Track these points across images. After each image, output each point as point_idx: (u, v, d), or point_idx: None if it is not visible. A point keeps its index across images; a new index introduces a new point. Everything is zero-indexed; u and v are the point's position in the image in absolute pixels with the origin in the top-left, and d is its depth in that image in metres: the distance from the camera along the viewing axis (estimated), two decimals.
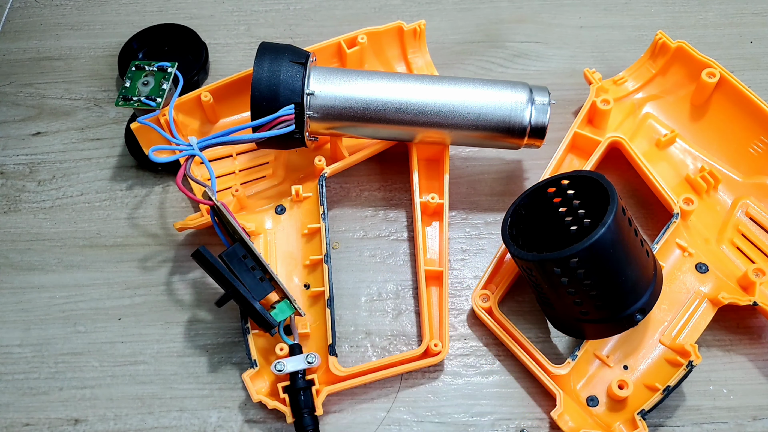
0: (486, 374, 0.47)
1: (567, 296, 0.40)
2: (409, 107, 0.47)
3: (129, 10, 0.67)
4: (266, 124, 0.45)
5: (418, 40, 0.58)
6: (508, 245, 0.42)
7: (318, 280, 0.48)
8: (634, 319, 0.41)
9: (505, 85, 0.48)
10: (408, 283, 0.51)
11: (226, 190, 0.52)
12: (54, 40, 0.65)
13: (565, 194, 0.45)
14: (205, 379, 0.47)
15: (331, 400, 0.45)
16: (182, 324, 0.49)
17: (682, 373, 0.43)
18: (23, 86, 0.62)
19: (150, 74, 0.53)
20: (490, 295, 0.47)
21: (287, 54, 0.46)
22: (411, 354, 0.45)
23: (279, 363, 0.43)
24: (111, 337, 0.49)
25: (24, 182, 0.56)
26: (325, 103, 0.47)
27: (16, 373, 0.48)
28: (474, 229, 0.53)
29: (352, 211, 0.54)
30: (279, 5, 0.66)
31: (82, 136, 0.58)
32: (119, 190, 0.55)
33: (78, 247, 0.53)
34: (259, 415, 0.46)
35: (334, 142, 0.52)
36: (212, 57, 0.62)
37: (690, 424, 0.45)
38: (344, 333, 0.49)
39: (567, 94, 0.59)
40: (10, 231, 0.54)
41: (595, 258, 0.38)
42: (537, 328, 0.48)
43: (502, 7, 0.66)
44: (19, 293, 0.51)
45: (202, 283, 0.51)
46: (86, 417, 0.46)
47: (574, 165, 0.53)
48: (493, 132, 0.48)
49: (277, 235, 0.51)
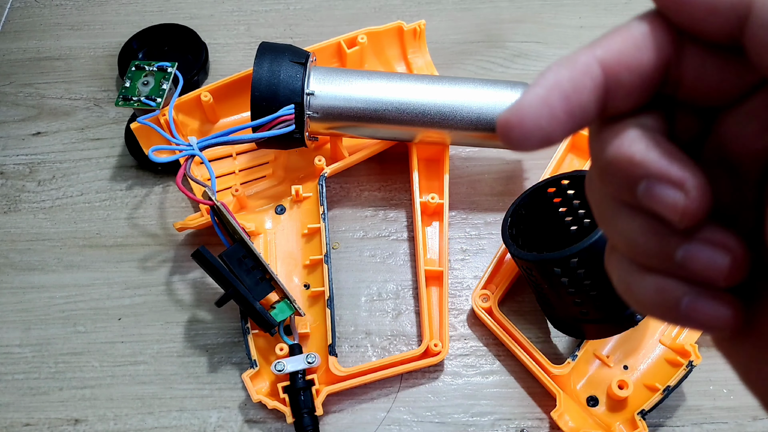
0: (486, 374, 0.47)
1: (567, 296, 0.40)
2: (409, 107, 0.47)
3: (129, 10, 0.67)
4: (266, 124, 0.45)
5: (418, 40, 0.57)
6: (508, 245, 0.42)
7: (318, 280, 0.48)
8: (634, 319, 0.41)
9: (505, 85, 0.48)
10: (408, 283, 0.51)
11: (226, 190, 0.52)
12: (54, 40, 0.65)
13: (565, 194, 0.45)
14: (205, 379, 0.47)
15: (331, 400, 0.45)
16: (182, 324, 0.49)
17: (682, 373, 0.43)
18: (23, 86, 0.62)
19: (150, 74, 0.53)
20: (490, 295, 0.47)
21: (287, 54, 0.46)
22: (411, 354, 0.45)
23: (279, 363, 0.43)
24: (111, 337, 0.49)
25: (24, 182, 0.56)
26: (325, 103, 0.47)
27: (16, 373, 0.48)
28: (474, 229, 0.53)
29: (352, 211, 0.54)
30: (279, 5, 0.66)
31: (82, 136, 0.58)
32: (119, 190, 0.55)
33: (78, 247, 0.53)
34: (259, 415, 0.46)
35: (334, 142, 0.52)
36: (212, 57, 0.62)
37: (690, 424, 0.45)
38: (344, 333, 0.49)
39: None
40: (10, 231, 0.54)
41: (595, 258, 0.38)
42: (537, 328, 0.48)
43: (502, 7, 0.66)
44: (19, 293, 0.51)
45: (202, 283, 0.51)
46: (86, 417, 0.46)
47: (574, 165, 0.53)
48: (493, 132, 0.48)
49: (277, 235, 0.51)
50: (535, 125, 0.15)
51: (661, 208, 0.16)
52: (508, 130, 0.16)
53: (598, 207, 0.18)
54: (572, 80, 0.16)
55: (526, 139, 0.16)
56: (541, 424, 0.45)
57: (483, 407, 0.46)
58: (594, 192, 0.18)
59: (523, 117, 0.15)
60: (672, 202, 0.15)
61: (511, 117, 0.16)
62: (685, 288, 0.16)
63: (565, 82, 0.16)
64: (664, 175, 0.15)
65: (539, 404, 0.46)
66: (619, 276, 0.18)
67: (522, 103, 0.16)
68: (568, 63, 0.16)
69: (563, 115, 0.16)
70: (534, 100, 0.16)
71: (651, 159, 0.15)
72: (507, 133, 0.16)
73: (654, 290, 0.17)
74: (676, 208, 0.15)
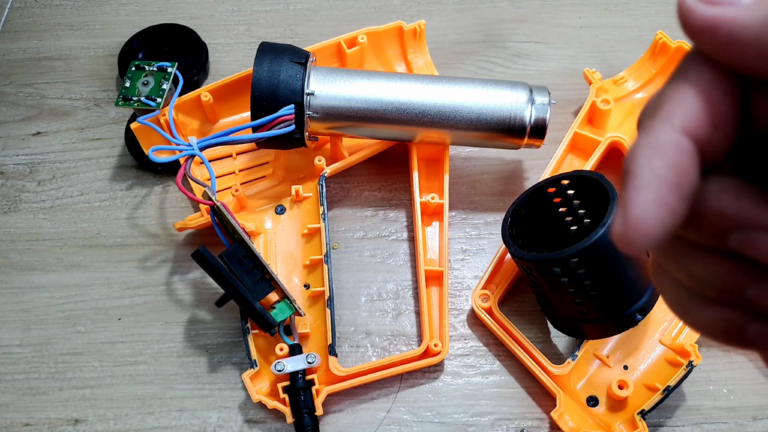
0: (486, 374, 0.47)
1: (567, 296, 0.40)
2: (409, 107, 0.47)
3: (129, 10, 0.67)
4: (266, 124, 0.45)
5: (418, 40, 0.57)
6: (508, 245, 0.42)
7: (318, 280, 0.48)
8: (635, 319, 0.41)
9: (505, 85, 0.48)
10: (408, 283, 0.51)
11: (226, 190, 0.52)
12: (54, 40, 0.65)
13: (565, 194, 0.45)
14: (205, 379, 0.47)
15: (331, 400, 0.45)
16: (182, 324, 0.49)
17: (682, 373, 0.43)
18: (23, 86, 0.62)
19: (150, 74, 0.53)
20: (490, 295, 0.47)
21: (287, 54, 0.46)
22: (411, 354, 0.45)
23: (279, 363, 0.43)
24: (111, 337, 0.49)
25: (24, 182, 0.56)
26: (325, 103, 0.47)
27: (16, 373, 0.48)
28: (474, 229, 0.53)
29: (352, 211, 0.54)
30: (279, 5, 0.66)
31: (82, 136, 0.58)
32: (119, 190, 0.55)
33: (78, 247, 0.53)
34: (259, 415, 0.46)
35: (334, 142, 0.52)
36: (212, 57, 0.62)
37: (690, 424, 0.45)
38: (344, 333, 0.49)
39: (567, 94, 0.59)
40: (10, 231, 0.54)
41: (595, 258, 0.38)
42: (537, 328, 0.48)
43: (502, 7, 0.66)
44: (19, 293, 0.51)
45: (202, 283, 0.51)
46: (86, 417, 0.46)
47: (574, 165, 0.53)
48: (493, 132, 0.48)
49: (277, 235, 0.51)
50: (660, 229, 0.15)
51: (757, 254, 0.16)
52: (631, 243, 0.15)
53: (665, 247, 0.18)
54: (673, 167, 0.15)
55: (653, 243, 0.15)
56: (541, 424, 0.45)
57: (483, 407, 0.46)
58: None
59: (644, 227, 0.15)
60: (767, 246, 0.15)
61: (630, 231, 0.15)
62: (748, 316, 0.16)
63: (666, 172, 0.15)
64: (758, 223, 0.15)
65: (539, 404, 0.46)
66: (675, 300, 0.18)
67: (634, 214, 0.15)
68: (655, 150, 0.15)
69: (679, 205, 0.15)
70: (647, 205, 0.15)
71: (744, 210, 0.15)
72: (630, 246, 0.15)
73: (718, 319, 0.17)
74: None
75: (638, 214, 0.15)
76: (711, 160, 0.16)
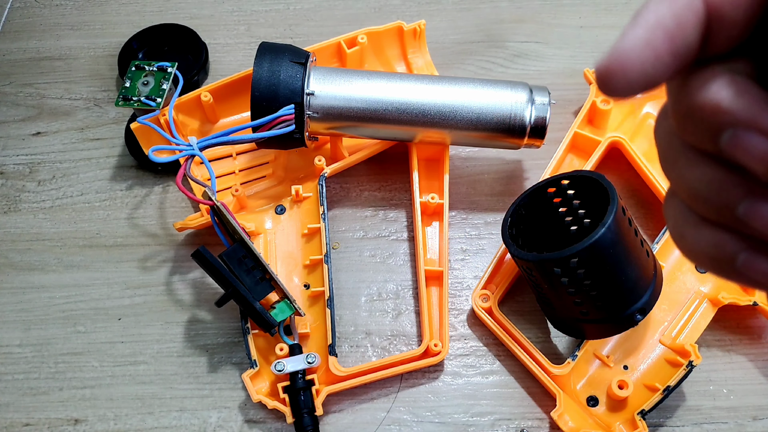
0: (486, 374, 0.47)
1: (567, 296, 0.40)
2: (409, 107, 0.47)
3: (129, 10, 0.67)
4: (266, 124, 0.45)
5: (418, 40, 0.57)
6: (508, 245, 0.42)
7: (318, 280, 0.48)
8: (634, 319, 0.41)
9: (505, 85, 0.48)
10: (408, 283, 0.51)
11: (226, 190, 0.52)
12: (54, 40, 0.65)
13: (565, 194, 0.45)
14: (205, 379, 0.47)
15: (331, 400, 0.45)
16: (182, 324, 0.49)
17: (682, 373, 0.43)
18: (23, 86, 0.62)
19: (150, 74, 0.53)
20: (490, 295, 0.47)
21: (287, 54, 0.46)
22: (411, 354, 0.45)
23: (279, 363, 0.43)
24: (111, 337, 0.49)
25: (24, 182, 0.56)
26: (325, 103, 0.47)
27: (16, 373, 0.48)
28: (474, 229, 0.53)
29: (352, 211, 0.54)
30: (279, 5, 0.66)
31: (82, 136, 0.58)
32: (119, 190, 0.55)
33: (78, 247, 0.53)
34: (259, 415, 0.46)
35: (334, 142, 0.52)
36: (212, 57, 0.62)
37: (690, 424, 0.45)
38: (344, 333, 0.49)
39: (567, 94, 0.59)
40: (10, 231, 0.54)
41: (595, 258, 0.38)
42: (537, 328, 0.48)
43: (502, 7, 0.66)
44: (19, 293, 0.51)
45: (202, 283, 0.51)
46: (86, 417, 0.46)
47: (574, 165, 0.53)
48: (493, 132, 0.48)
49: (277, 235, 0.51)
50: (640, 70, 0.14)
51: (747, 158, 0.15)
52: (609, 78, 0.14)
53: (665, 149, 0.17)
54: (675, 17, 0.14)
55: (629, 86, 0.14)
56: (541, 424, 0.45)
57: (483, 407, 0.46)
58: (663, 133, 0.17)
59: (625, 63, 0.14)
60: (760, 151, 0.14)
61: (611, 64, 0.14)
62: (741, 244, 0.16)
63: (667, 19, 0.14)
64: (754, 123, 0.14)
65: (539, 404, 0.46)
66: (674, 223, 0.17)
67: (622, 48, 0.14)
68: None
69: (668, 57, 0.14)
70: (636, 42, 0.14)
71: (741, 106, 0.14)
72: (608, 82, 0.15)
73: (710, 243, 0.16)
74: (764, 159, 0.14)
75: (625, 48, 0.14)
76: (718, 43, 0.15)
